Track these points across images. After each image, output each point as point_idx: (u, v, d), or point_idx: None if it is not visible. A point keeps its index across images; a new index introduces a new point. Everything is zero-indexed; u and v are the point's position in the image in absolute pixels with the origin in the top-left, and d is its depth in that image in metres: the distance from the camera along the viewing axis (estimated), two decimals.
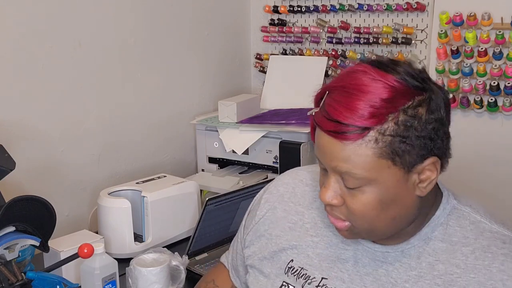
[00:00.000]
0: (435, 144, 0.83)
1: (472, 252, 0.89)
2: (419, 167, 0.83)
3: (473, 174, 2.03)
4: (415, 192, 0.86)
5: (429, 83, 0.84)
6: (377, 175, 0.82)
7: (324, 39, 2.34)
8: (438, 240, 0.91)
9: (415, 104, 0.81)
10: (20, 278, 1.22)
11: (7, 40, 1.63)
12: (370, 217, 0.86)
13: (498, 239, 0.89)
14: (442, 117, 0.83)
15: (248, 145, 2.02)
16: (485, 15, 1.90)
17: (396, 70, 0.83)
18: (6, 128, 1.63)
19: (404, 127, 0.80)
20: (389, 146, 0.80)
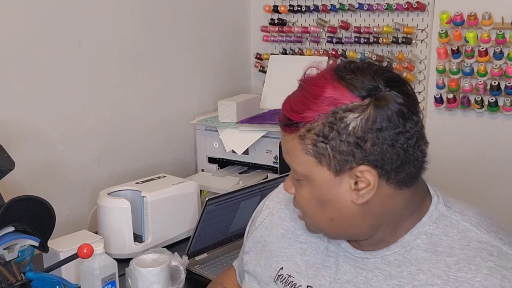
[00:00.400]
0: (366, 152, 0.80)
1: (456, 263, 0.84)
2: (350, 173, 0.82)
3: (474, 174, 2.03)
4: (350, 197, 0.84)
5: (379, 92, 0.80)
6: (308, 171, 0.84)
7: (324, 39, 2.34)
8: (421, 249, 0.87)
9: (346, 109, 0.80)
10: (19, 278, 1.22)
11: (7, 40, 1.62)
12: (310, 212, 0.89)
13: (485, 250, 0.84)
14: (382, 128, 0.79)
15: (248, 145, 2.02)
16: (486, 15, 1.90)
17: (348, 73, 0.82)
18: (6, 128, 1.63)
19: (328, 129, 0.80)
20: (313, 145, 0.82)
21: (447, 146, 2.08)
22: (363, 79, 0.81)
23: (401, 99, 0.81)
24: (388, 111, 0.80)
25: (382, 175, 0.82)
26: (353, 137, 0.79)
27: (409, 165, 0.83)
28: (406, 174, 0.83)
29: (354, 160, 0.81)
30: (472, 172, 2.04)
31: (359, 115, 0.79)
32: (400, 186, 0.84)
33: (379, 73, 0.82)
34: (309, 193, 0.87)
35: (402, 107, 0.80)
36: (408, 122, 0.81)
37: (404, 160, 0.82)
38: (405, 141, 0.81)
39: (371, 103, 0.79)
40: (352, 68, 0.84)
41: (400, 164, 0.82)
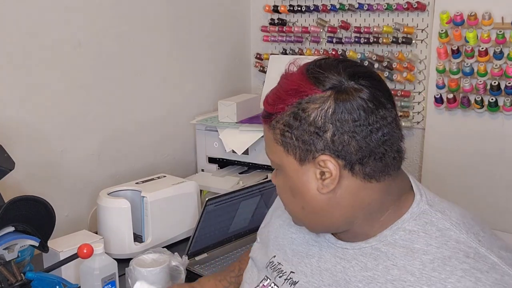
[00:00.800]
0: (327, 142, 0.83)
1: (431, 262, 0.83)
2: (313, 163, 0.86)
3: (474, 174, 2.03)
4: (315, 187, 0.87)
5: (342, 86, 0.84)
6: (279, 160, 0.90)
7: (324, 39, 2.34)
8: (398, 245, 0.87)
9: (309, 100, 0.84)
10: (19, 278, 1.22)
11: (7, 40, 1.62)
12: (285, 201, 0.95)
13: (462, 251, 0.83)
14: (342, 119, 0.82)
15: (248, 145, 2.02)
16: (486, 15, 1.90)
17: (315, 68, 0.87)
18: (6, 128, 1.63)
19: (292, 119, 0.85)
20: (281, 134, 0.87)
21: (447, 146, 2.08)
22: (328, 73, 0.85)
23: (365, 93, 0.83)
24: (347, 103, 0.83)
25: (346, 166, 0.85)
26: (313, 127, 0.83)
27: (374, 159, 0.85)
28: (371, 167, 0.85)
29: (315, 150, 0.84)
30: (472, 172, 2.04)
31: (319, 105, 0.83)
32: (368, 179, 0.86)
33: (344, 67, 0.86)
34: (282, 181, 0.92)
35: (365, 101, 0.83)
36: (371, 116, 0.83)
37: (367, 153, 0.84)
38: (367, 134, 0.83)
39: (332, 95, 0.83)
40: (321, 63, 0.88)
41: (363, 157, 0.84)
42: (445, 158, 2.08)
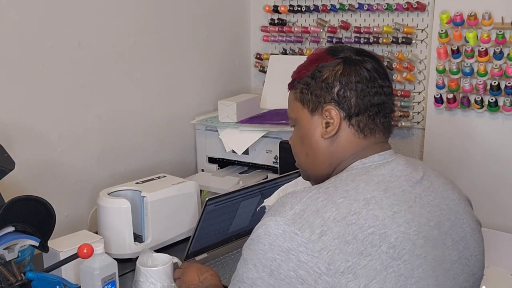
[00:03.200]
0: (333, 95, 1.05)
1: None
2: (320, 111, 1.06)
3: (474, 174, 2.03)
4: (320, 133, 1.07)
5: (350, 58, 1.07)
6: (297, 115, 1.10)
7: (324, 39, 2.34)
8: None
9: (324, 65, 1.07)
10: (19, 278, 1.22)
11: (7, 40, 1.62)
12: (296, 151, 1.15)
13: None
14: (348, 81, 1.05)
15: (248, 145, 2.02)
16: (486, 15, 1.90)
17: (333, 47, 1.11)
18: (6, 128, 1.63)
19: (311, 79, 1.08)
20: (300, 91, 1.09)
21: (447, 146, 2.08)
22: (341, 49, 1.09)
23: (367, 65, 1.07)
24: (353, 68, 1.06)
25: (345, 117, 1.05)
26: (324, 83, 1.06)
27: (367, 115, 1.05)
28: (364, 122, 1.05)
29: (324, 101, 1.06)
30: (472, 172, 2.04)
31: (332, 68, 1.06)
32: (359, 132, 1.06)
33: (354, 49, 1.10)
34: (296, 134, 1.13)
35: (367, 70, 1.06)
36: (371, 82, 1.05)
37: (363, 109, 1.05)
38: (366, 94, 1.05)
39: (341, 62, 1.07)
40: (338, 44, 1.15)
41: (359, 111, 1.05)
42: (445, 158, 2.08)
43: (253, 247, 0.96)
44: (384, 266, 0.91)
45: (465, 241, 1.07)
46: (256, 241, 0.95)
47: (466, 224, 1.08)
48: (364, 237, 0.92)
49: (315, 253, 0.89)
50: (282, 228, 0.92)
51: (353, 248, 0.91)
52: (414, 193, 1.01)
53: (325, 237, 0.90)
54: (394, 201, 0.97)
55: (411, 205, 0.99)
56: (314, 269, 0.89)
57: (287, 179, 1.74)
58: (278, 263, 0.91)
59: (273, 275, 0.92)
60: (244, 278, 0.96)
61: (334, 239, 0.90)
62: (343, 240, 0.90)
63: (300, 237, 0.90)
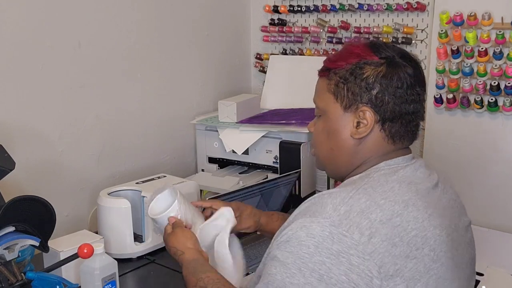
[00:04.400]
0: (371, 97, 1.02)
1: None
2: (355, 111, 1.03)
3: (473, 174, 2.03)
4: (350, 132, 1.05)
5: (394, 60, 1.03)
6: (326, 106, 1.07)
7: (324, 39, 2.34)
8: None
9: (366, 62, 1.03)
10: (19, 278, 1.22)
11: (6, 40, 1.62)
12: (318, 142, 1.12)
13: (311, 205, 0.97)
14: (389, 84, 1.01)
15: (248, 145, 2.02)
16: (486, 15, 1.90)
17: (376, 44, 1.06)
18: (6, 128, 1.63)
19: (349, 74, 1.03)
20: (335, 85, 1.05)
21: (447, 146, 2.08)
22: (385, 48, 1.05)
23: (409, 70, 1.03)
24: (395, 72, 1.02)
25: (379, 121, 1.03)
26: (364, 83, 1.02)
27: (400, 122, 1.03)
28: (396, 129, 1.04)
29: (360, 101, 1.03)
30: (471, 172, 2.04)
31: (374, 67, 1.02)
32: (389, 137, 1.04)
33: (398, 49, 1.06)
34: (322, 125, 1.09)
35: (408, 75, 1.03)
36: (410, 88, 1.03)
37: (397, 116, 1.03)
38: (403, 101, 1.02)
39: (385, 63, 1.03)
40: (384, 43, 1.08)
41: (394, 117, 1.03)
42: (444, 158, 2.08)
43: (293, 249, 0.90)
44: (427, 269, 0.92)
45: (471, 242, 1.09)
46: (297, 243, 0.90)
47: (466, 224, 1.10)
48: (409, 240, 0.92)
49: (366, 256, 0.87)
50: (328, 230, 0.89)
51: (400, 250, 0.90)
52: (435, 195, 1.03)
53: (374, 239, 0.88)
54: (426, 203, 0.98)
55: (437, 207, 1.00)
56: (366, 272, 0.86)
57: (287, 179, 1.75)
58: (328, 266, 0.87)
59: (323, 280, 0.86)
60: (288, 285, 0.88)
61: (383, 241, 0.89)
62: (391, 242, 0.89)
63: (350, 239, 0.88)
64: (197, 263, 1.15)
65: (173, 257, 1.21)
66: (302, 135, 1.92)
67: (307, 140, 1.91)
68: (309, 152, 1.91)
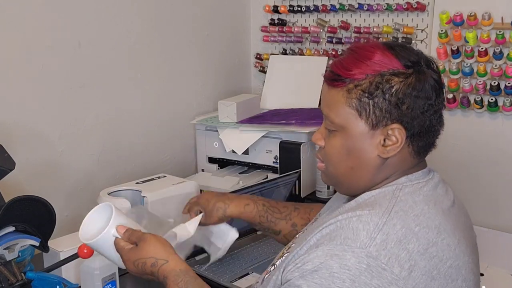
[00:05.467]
0: (402, 113, 0.91)
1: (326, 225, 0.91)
2: (383, 129, 0.93)
3: (473, 174, 2.03)
4: (376, 151, 0.94)
5: (421, 67, 0.93)
6: (346, 123, 0.95)
7: (324, 39, 2.34)
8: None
9: (393, 73, 0.91)
10: (20, 278, 1.22)
11: (6, 40, 1.62)
12: (335, 161, 0.99)
13: (333, 232, 0.89)
14: (419, 96, 0.92)
15: (248, 145, 2.02)
16: (486, 15, 1.90)
17: (397, 47, 0.94)
18: (6, 128, 1.63)
19: (375, 87, 0.91)
20: (358, 99, 0.93)
21: (447, 146, 2.08)
22: (409, 53, 0.94)
23: (436, 77, 0.94)
24: (426, 83, 0.92)
25: (408, 137, 0.93)
26: (394, 98, 0.91)
27: (429, 135, 0.96)
28: (424, 142, 0.96)
29: (390, 118, 0.92)
30: (471, 172, 2.04)
31: (402, 80, 0.91)
32: (415, 152, 0.96)
33: (420, 53, 0.96)
34: (340, 142, 0.97)
35: (436, 84, 0.94)
36: (438, 98, 0.94)
37: (427, 129, 0.94)
38: (432, 113, 0.94)
39: (414, 73, 0.92)
40: (399, 43, 0.98)
41: (423, 131, 0.94)
42: (444, 158, 2.08)
43: (324, 282, 0.82)
44: None
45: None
46: (328, 275, 0.82)
47: (475, 239, 1.06)
48: (445, 271, 0.88)
49: None
50: (366, 262, 0.82)
51: (438, 284, 0.86)
52: (455, 214, 0.98)
53: (414, 273, 0.83)
54: (452, 226, 0.93)
55: (461, 229, 0.96)
56: None
57: (287, 179, 1.75)
58: None
59: None
60: None
61: (422, 275, 0.84)
62: (429, 276, 0.85)
63: (390, 273, 0.82)
64: (187, 275, 1.03)
65: (144, 271, 1.05)
66: (302, 135, 1.92)
67: (307, 140, 1.91)
68: (309, 152, 1.91)
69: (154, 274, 1.05)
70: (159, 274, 1.03)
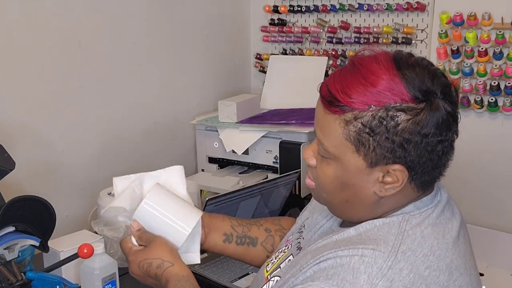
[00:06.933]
0: (407, 154, 0.81)
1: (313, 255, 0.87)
2: (383, 168, 0.83)
3: (473, 174, 2.03)
4: (373, 188, 0.85)
5: (434, 98, 0.81)
6: (341, 155, 0.84)
7: (324, 39, 2.34)
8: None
9: (400, 108, 0.79)
10: (20, 278, 1.22)
11: (7, 40, 1.62)
12: (328, 189, 0.90)
13: (334, 250, 0.83)
14: (428, 134, 0.80)
15: (248, 145, 2.02)
16: (486, 15, 1.90)
17: (408, 70, 0.81)
18: (6, 128, 1.63)
19: (377, 123, 0.80)
20: (356, 133, 0.81)
21: None
22: (423, 78, 0.80)
23: (450, 109, 0.82)
24: (438, 119, 0.80)
25: (411, 176, 0.83)
26: (399, 137, 0.80)
27: (436, 170, 0.86)
28: (430, 177, 0.86)
29: (392, 158, 0.81)
30: (471, 172, 2.04)
31: (411, 118, 0.79)
32: (418, 187, 0.86)
33: (438, 76, 0.82)
34: (333, 173, 0.87)
35: (449, 117, 0.82)
36: (449, 131, 0.83)
37: (434, 165, 0.84)
38: (441, 148, 0.83)
39: (425, 109, 0.79)
40: (413, 62, 0.83)
41: (427, 169, 0.83)
42: None
43: None
44: None
45: None
46: None
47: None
48: None
49: None
50: None
51: None
52: (463, 239, 0.90)
53: None
54: (463, 256, 0.86)
55: (468, 257, 0.89)
56: None
57: (287, 179, 1.75)
58: None
59: None
60: None
61: None
62: None
63: None
64: (187, 281, 0.99)
65: (148, 273, 1.02)
66: (302, 135, 1.92)
67: (307, 140, 1.91)
68: None
69: (158, 277, 1.01)
70: (163, 277, 1.00)
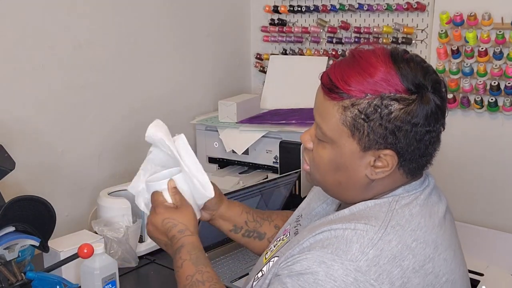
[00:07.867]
0: (397, 141, 0.88)
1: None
2: (375, 152, 0.90)
3: (473, 174, 2.04)
4: (365, 171, 0.92)
5: (425, 92, 0.88)
6: (337, 138, 0.91)
7: (324, 39, 2.34)
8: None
9: (394, 98, 0.87)
10: (20, 278, 1.22)
11: (7, 40, 1.62)
12: (322, 171, 0.96)
13: (325, 239, 0.88)
14: (418, 124, 0.88)
15: (248, 145, 2.02)
16: (486, 15, 1.90)
17: (403, 65, 0.89)
18: (6, 128, 1.63)
19: (372, 110, 0.87)
20: (353, 119, 0.89)
21: (447, 146, 2.07)
22: (416, 75, 0.88)
23: (439, 102, 0.90)
24: (427, 111, 0.88)
25: (400, 162, 0.91)
26: (392, 125, 0.87)
27: (423, 159, 0.93)
28: (418, 165, 0.92)
29: (384, 143, 0.88)
30: (471, 172, 2.04)
31: (403, 107, 0.87)
32: (407, 173, 0.93)
33: (430, 73, 0.90)
34: (329, 156, 0.94)
35: (438, 110, 0.90)
36: (437, 123, 0.91)
37: (422, 154, 0.91)
38: (429, 139, 0.90)
39: (416, 100, 0.87)
40: (408, 58, 0.91)
41: (416, 157, 0.91)
42: (444, 158, 2.08)
43: (306, 286, 0.82)
44: None
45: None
46: (312, 281, 0.82)
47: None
48: (440, 287, 0.87)
49: None
50: (353, 276, 0.80)
51: None
52: (449, 222, 0.97)
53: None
54: (448, 236, 0.93)
55: (454, 238, 0.95)
56: None
57: (287, 179, 1.75)
58: None
59: None
60: None
61: None
62: None
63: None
64: (200, 252, 1.05)
65: (166, 232, 1.06)
66: None
67: None
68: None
69: (174, 239, 1.05)
70: (179, 241, 1.04)
